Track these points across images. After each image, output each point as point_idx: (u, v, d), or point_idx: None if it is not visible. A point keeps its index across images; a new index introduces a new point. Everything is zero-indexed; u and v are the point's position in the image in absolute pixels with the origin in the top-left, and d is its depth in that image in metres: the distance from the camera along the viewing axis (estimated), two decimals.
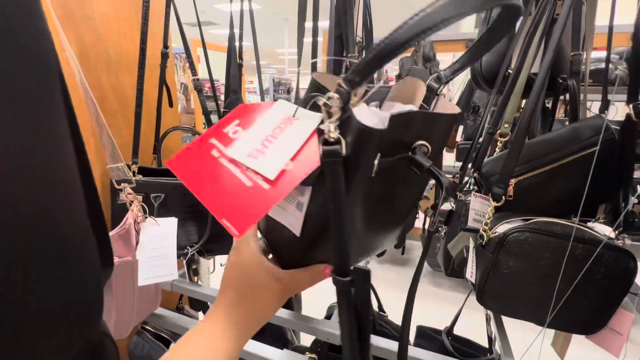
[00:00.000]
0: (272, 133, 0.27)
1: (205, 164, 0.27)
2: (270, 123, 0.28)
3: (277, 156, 0.26)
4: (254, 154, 0.26)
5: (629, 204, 0.57)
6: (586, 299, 0.55)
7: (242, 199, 0.25)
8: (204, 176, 0.27)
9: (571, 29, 0.70)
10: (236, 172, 0.26)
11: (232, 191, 0.26)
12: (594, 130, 0.59)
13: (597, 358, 1.57)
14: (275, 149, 0.26)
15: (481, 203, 0.65)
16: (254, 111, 0.29)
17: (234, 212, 0.25)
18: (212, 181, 0.26)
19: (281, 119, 0.28)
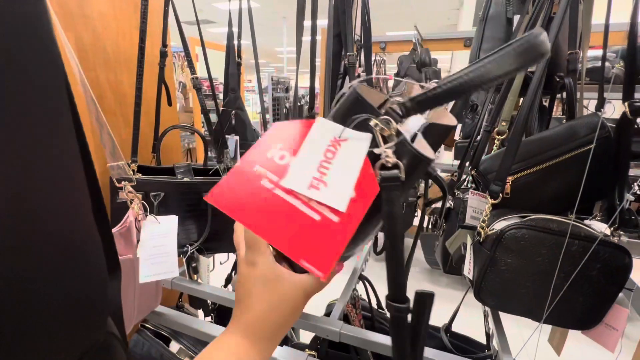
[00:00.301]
0: (324, 158, 0.25)
1: (258, 197, 0.25)
2: (319, 146, 0.26)
3: (340, 185, 0.25)
4: (315, 184, 0.25)
5: (624, 201, 0.58)
6: (582, 295, 0.56)
7: (314, 235, 0.24)
8: (259, 211, 0.24)
9: (568, 27, 0.71)
10: (299, 206, 0.24)
11: (300, 227, 0.24)
12: (590, 128, 0.59)
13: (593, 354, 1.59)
14: (335, 177, 0.25)
15: (479, 200, 0.66)
16: (295, 132, 0.27)
17: (311, 251, 0.23)
18: (272, 216, 0.24)
19: (328, 140, 0.26)
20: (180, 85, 3.54)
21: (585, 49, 0.73)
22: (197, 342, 0.95)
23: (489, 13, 0.76)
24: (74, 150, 0.19)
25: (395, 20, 7.03)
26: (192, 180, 0.84)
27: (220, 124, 1.07)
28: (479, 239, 0.60)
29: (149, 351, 0.87)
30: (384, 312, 1.07)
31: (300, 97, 4.70)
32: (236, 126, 1.14)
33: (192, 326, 0.78)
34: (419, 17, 6.82)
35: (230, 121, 1.12)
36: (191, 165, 0.87)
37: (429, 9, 6.30)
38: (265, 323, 0.30)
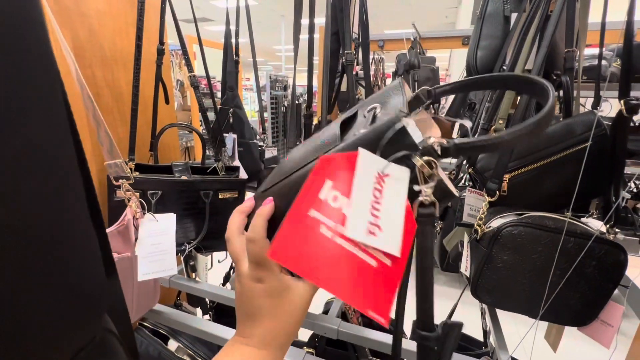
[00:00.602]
0: (374, 198, 0.25)
1: (320, 247, 0.24)
2: (367, 184, 0.25)
3: (392, 228, 0.25)
4: (372, 230, 0.24)
5: (620, 198, 0.59)
6: (578, 291, 0.56)
7: (373, 282, 0.24)
8: (323, 262, 0.24)
9: (565, 25, 0.71)
10: (358, 253, 0.24)
11: (361, 275, 0.24)
12: (587, 126, 0.60)
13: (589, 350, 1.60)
14: (387, 220, 0.25)
15: (476, 198, 0.66)
16: (343, 167, 0.26)
17: (374, 299, 0.24)
18: (335, 267, 0.24)
19: (374, 177, 0.25)
20: (178, 83, 3.53)
21: (582, 47, 0.73)
22: (196, 340, 0.95)
23: (486, 11, 0.77)
24: (68, 149, 0.19)
25: (393, 18, 7.03)
26: (190, 178, 0.84)
27: (218, 122, 1.07)
28: (476, 236, 0.61)
29: (147, 349, 0.87)
30: None
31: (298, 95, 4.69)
32: (234, 124, 1.13)
33: (190, 324, 0.78)
34: (417, 16, 6.81)
35: (228, 119, 1.12)
36: (189, 163, 0.87)
37: (427, 7, 6.30)
38: (280, 333, 0.31)
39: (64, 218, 0.18)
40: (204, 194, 0.83)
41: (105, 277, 0.23)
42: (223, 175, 0.89)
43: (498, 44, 0.75)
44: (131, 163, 0.81)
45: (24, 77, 0.16)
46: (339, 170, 0.25)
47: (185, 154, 3.62)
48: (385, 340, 0.67)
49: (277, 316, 0.31)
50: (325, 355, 0.86)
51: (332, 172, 0.25)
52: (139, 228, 0.67)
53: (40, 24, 0.17)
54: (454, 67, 4.36)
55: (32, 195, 0.16)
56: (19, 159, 0.16)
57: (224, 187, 0.86)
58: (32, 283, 0.16)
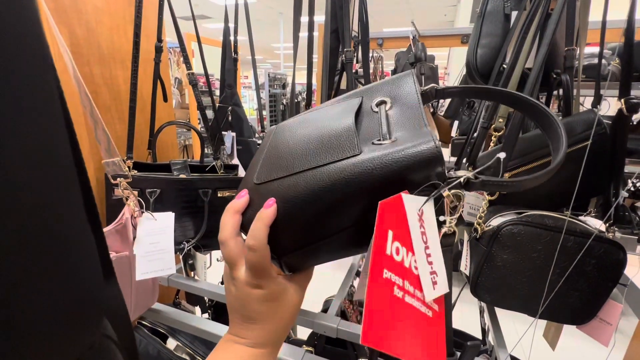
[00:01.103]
0: (425, 244, 0.24)
1: (398, 314, 0.22)
2: (417, 230, 0.24)
3: (442, 270, 0.24)
4: (435, 280, 0.24)
5: (619, 197, 0.59)
6: (577, 290, 0.56)
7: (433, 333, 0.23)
8: (402, 329, 0.22)
9: (565, 24, 0.71)
10: (419, 307, 0.23)
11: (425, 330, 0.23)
12: (587, 125, 0.60)
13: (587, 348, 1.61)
14: (437, 263, 0.24)
15: (475, 197, 0.66)
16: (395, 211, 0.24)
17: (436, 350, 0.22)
18: (410, 330, 0.22)
19: (417, 219, 0.24)
20: (176, 81, 3.51)
21: (582, 46, 0.73)
22: (195, 339, 0.95)
23: (486, 9, 0.76)
24: (65, 149, 0.19)
25: (391, 16, 7.01)
26: (189, 177, 0.83)
27: (216, 120, 1.06)
28: (475, 235, 0.61)
29: (146, 348, 0.87)
30: None
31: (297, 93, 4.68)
32: (233, 122, 1.13)
33: (189, 323, 0.78)
34: (416, 14, 6.80)
35: (227, 117, 1.11)
36: (187, 161, 0.86)
37: (426, 6, 6.29)
38: (276, 333, 0.32)
39: (59, 219, 0.18)
40: (202, 193, 0.83)
41: (103, 281, 0.22)
42: (222, 173, 0.89)
43: (498, 42, 0.75)
44: (129, 161, 0.80)
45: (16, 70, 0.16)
46: (397, 217, 0.23)
47: (183, 152, 3.61)
48: None
49: (274, 318, 0.31)
50: (324, 353, 0.86)
51: (392, 221, 0.23)
52: (137, 227, 0.67)
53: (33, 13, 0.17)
54: (452, 65, 4.35)
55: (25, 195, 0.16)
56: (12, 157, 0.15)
57: (223, 185, 0.85)
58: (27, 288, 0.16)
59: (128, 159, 0.80)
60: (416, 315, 0.22)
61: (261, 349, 0.31)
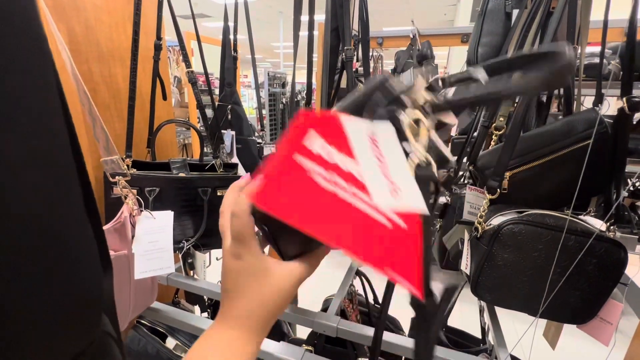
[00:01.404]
0: (379, 160, 0.23)
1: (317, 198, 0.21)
2: (364, 146, 0.23)
3: (409, 186, 0.23)
4: (395, 192, 0.23)
5: (620, 196, 0.58)
6: (578, 289, 0.56)
7: (391, 244, 0.22)
8: (321, 212, 0.21)
9: (566, 22, 0.70)
10: (370, 212, 0.22)
11: (375, 235, 0.21)
12: (588, 124, 0.59)
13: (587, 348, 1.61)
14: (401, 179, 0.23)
15: (476, 196, 0.66)
16: (330, 124, 0.24)
17: (394, 261, 0.21)
18: (339, 220, 0.21)
19: (366, 139, 0.23)
20: (175, 79, 3.50)
21: (584, 45, 0.73)
22: (194, 338, 0.95)
23: (487, 7, 0.76)
24: (64, 145, 0.19)
25: (391, 15, 7.01)
26: (188, 175, 0.83)
27: (216, 119, 1.06)
28: (476, 234, 0.60)
29: (145, 347, 0.86)
30: None
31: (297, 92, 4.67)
32: (232, 121, 1.13)
33: (188, 322, 0.78)
34: (416, 13, 6.79)
35: (227, 116, 1.11)
36: (187, 160, 0.86)
37: (426, 5, 6.28)
38: (256, 315, 0.30)
39: (60, 216, 0.18)
40: (202, 191, 0.83)
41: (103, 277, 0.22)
42: (221, 172, 0.88)
43: (499, 41, 0.75)
44: (128, 160, 0.80)
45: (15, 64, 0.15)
46: (322, 126, 0.23)
47: (182, 151, 3.60)
48: (384, 338, 0.67)
49: (254, 297, 0.30)
50: (324, 353, 0.86)
51: (319, 126, 0.23)
52: (136, 225, 0.66)
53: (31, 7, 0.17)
54: (452, 64, 4.35)
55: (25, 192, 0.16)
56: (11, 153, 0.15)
57: (222, 184, 0.85)
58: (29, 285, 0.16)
59: (127, 157, 0.80)
60: (360, 216, 0.21)
61: (237, 329, 0.30)
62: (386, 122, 0.23)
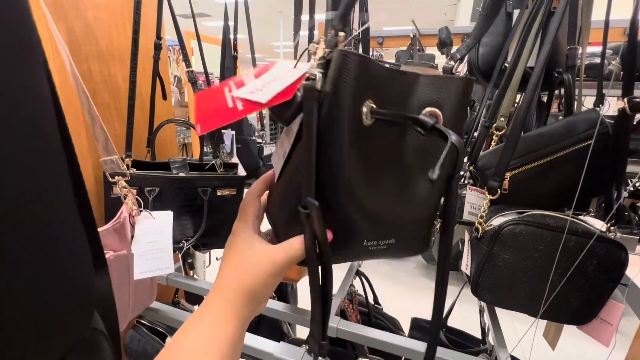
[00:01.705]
0: (272, 80, 0.31)
1: (215, 95, 0.32)
2: (274, 73, 0.32)
3: (269, 90, 0.29)
4: (254, 92, 0.30)
5: (621, 197, 0.58)
6: (578, 290, 0.56)
7: (217, 112, 0.31)
8: (208, 101, 0.32)
9: (567, 22, 0.70)
10: (227, 100, 0.31)
11: (215, 108, 0.31)
12: (589, 124, 0.59)
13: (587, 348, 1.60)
14: (269, 86, 0.30)
15: (477, 196, 0.66)
16: (269, 66, 0.33)
17: (206, 118, 0.31)
18: (209, 104, 0.32)
19: (282, 70, 0.31)
20: (175, 79, 3.50)
21: (585, 45, 0.73)
22: None
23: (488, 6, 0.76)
24: (55, 143, 0.19)
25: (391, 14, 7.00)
26: (188, 175, 0.83)
27: None
28: (476, 234, 0.60)
29: (144, 347, 0.86)
30: (381, 307, 1.07)
31: None
32: None
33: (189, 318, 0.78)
34: (416, 12, 6.79)
35: None
36: (187, 160, 0.86)
37: (426, 4, 6.28)
38: (237, 284, 0.32)
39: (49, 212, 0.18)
40: (202, 191, 0.82)
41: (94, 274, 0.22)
42: (221, 172, 0.88)
43: (500, 41, 0.75)
44: (128, 159, 0.79)
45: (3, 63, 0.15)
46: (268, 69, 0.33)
47: (182, 151, 3.60)
48: (383, 339, 0.67)
49: (235, 266, 0.32)
50: None
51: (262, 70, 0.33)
52: (136, 225, 0.66)
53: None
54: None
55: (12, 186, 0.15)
56: None
57: (222, 184, 0.85)
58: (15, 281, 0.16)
59: (127, 157, 0.80)
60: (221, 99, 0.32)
61: (223, 298, 0.31)
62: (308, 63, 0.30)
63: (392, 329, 1.00)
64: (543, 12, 0.65)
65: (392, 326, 1.02)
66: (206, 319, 0.30)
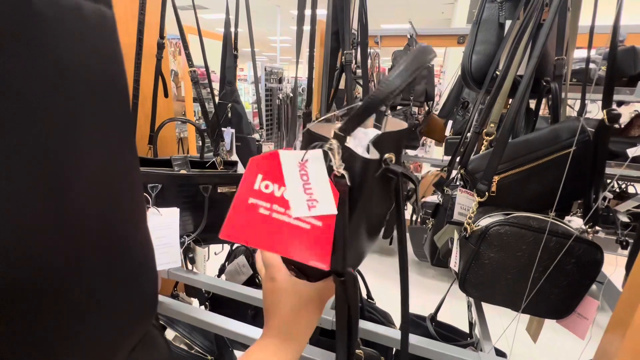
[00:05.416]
0: (304, 181, 0.32)
1: (260, 223, 0.31)
2: (293, 173, 0.32)
3: (325, 196, 0.31)
4: (311, 204, 0.31)
5: (599, 200, 0.62)
6: (557, 287, 0.60)
7: (310, 240, 0.31)
8: (265, 233, 0.31)
9: (556, 33, 0.74)
10: (293, 222, 0.31)
11: (298, 237, 0.31)
12: (571, 132, 0.63)
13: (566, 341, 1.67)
14: (319, 192, 0.32)
15: (466, 198, 0.69)
16: (267, 164, 0.33)
17: (313, 253, 0.31)
18: (275, 234, 0.31)
19: (297, 165, 0.32)
20: (172, 73, 3.47)
21: (571, 53, 0.76)
22: (192, 330, 0.98)
23: (482, 17, 0.79)
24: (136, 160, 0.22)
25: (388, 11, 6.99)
26: (189, 172, 0.85)
27: (216, 116, 1.08)
28: (465, 234, 0.64)
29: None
30: (374, 301, 1.11)
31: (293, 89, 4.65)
32: (232, 119, 1.14)
33: (188, 314, 0.80)
34: (413, 11, 6.79)
35: (227, 114, 1.13)
36: (188, 157, 0.88)
37: (423, 3, 6.28)
38: (291, 323, 0.36)
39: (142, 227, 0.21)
40: (203, 188, 0.85)
41: None
42: (222, 169, 0.90)
43: (492, 50, 0.78)
44: None
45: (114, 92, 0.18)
46: (265, 167, 0.33)
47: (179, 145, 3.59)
48: (377, 331, 0.71)
49: (288, 307, 0.36)
50: (319, 345, 0.89)
51: (259, 169, 0.32)
52: None
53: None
54: (448, 64, 4.38)
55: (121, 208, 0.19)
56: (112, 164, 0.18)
57: (222, 181, 0.87)
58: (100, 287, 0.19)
59: None
60: (287, 227, 0.31)
61: (279, 338, 0.36)
62: (317, 150, 0.33)
63: (385, 322, 1.04)
64: (533, 23, 0.68)
65: (385, 320, 1.06)
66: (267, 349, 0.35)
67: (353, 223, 0.34)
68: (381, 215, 0.42)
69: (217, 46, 1.30)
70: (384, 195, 0.39)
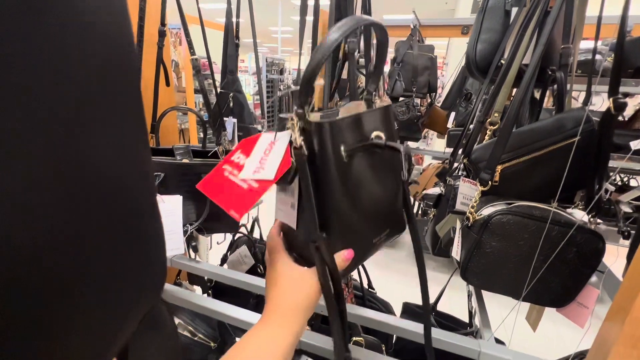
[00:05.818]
0: (265, 154, 0.39)
1: (223, 183, 0.39)
2: (261, 149, 0.39)
3: (271, 166, 0.37)
4: (257, 170, 0.38)
5: (602, 190, 0.62)
6: (558, 276, 0.60)
7: (240, 197, 0.37)
8: (222, 190, 0.39)
9: (563, 21, 0.73)
10: (239, 183, 0.38)
11: (235, 194, 0.38)
12: (576, 122, 0.63)
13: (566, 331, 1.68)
14: (269, 163, 0.38)
15: (469, 187, 0.69)
16: (251, 143, 0.41)
17: (236, 205, 0.37)
18: (225, 191, 0.38)
19: (267, 144, 0.39)
20: (173, 63, 3.45)
21: (577, 43, 0.75)
22: (195, 317, 0.99)
23: (487, 4, 0.78)
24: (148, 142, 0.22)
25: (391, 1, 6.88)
26: (192, 161, 0.85)
27: (218, 106, 1.07)
28: (467, 223, 0.64)
29: None
30: (375, 291, 1.12)
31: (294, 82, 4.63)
32: (234, 109, 1.14)
33: (191, 301, 0.81)
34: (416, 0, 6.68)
35: (228, 103, 1.12)
36: (190, 146, 0.88)
37: None
38: (287, 302, 0.38)
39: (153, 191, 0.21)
40: None
41: None
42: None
43: (498, 38, 0.77)
44: None
45: None
46: (249, 145, 0.40)
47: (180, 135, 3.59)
48: (377, 318, 0.72)
49: (283, 287, 0.38)
50: (320, 332, 0.90)
51: (244, 147, 0.40)
52: None
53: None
54: (451, 55, 4.34)
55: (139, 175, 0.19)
56: None
57: None
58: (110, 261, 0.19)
59: None
60: (233, 185, 0.38)
61: (276, 313, 0.37)
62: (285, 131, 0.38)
63: (385, 312, 1.05)
64: (540, 10, 0.67)
65: (385, 309, 1.07)
66: (263, 337, 0.36)
67: (336, 195, 0.37)
68: (384, 198, 0.43)
69: (217, 36, 1.29)
70: (382, 176, 0.42)
